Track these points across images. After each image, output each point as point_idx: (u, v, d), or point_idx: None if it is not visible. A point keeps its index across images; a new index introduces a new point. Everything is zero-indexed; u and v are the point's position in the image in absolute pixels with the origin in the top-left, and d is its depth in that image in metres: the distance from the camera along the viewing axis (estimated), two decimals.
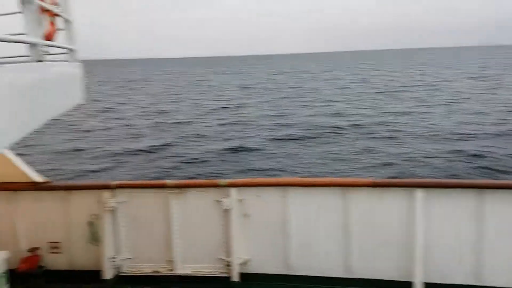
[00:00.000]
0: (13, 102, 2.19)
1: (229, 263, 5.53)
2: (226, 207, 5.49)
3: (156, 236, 5.68)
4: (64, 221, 5.73)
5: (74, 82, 3.89)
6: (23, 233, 5.74)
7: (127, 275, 5.70)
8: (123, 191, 5.68)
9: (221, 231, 5.61)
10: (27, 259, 5.62)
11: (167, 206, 5.61)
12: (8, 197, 5.68)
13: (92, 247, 5.66)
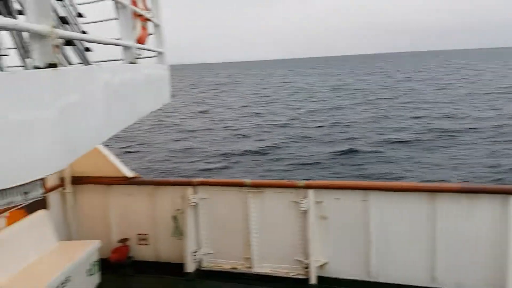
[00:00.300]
0: (108, 100, 2.35)
1: (307, 265, 5.47)
2: (304, 208, 5.44)
3: (235, 233, 5.80)
4: (151, 215, 6.07)
5: (163, 83, 4.10)
6: (115, 225, 6.18)
7: (207, 269, 5.89)
8: (204, 188, 5.88)
9: (298, 233, 5.58)
10: (117, 249, 6.04)
11: (245, 205, 5.70)
12: (103, 191, 6.16)
13: (176, 241, 5.93)
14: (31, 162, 1.56)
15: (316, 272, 5.43)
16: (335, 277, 5.45)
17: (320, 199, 5.44)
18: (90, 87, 2.09)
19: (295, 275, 5.57)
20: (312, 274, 5.41)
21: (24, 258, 4.92)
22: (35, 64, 1.64)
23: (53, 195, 5.94)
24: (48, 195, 5.84)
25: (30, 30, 1.56)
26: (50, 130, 1.63)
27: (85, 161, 6.04)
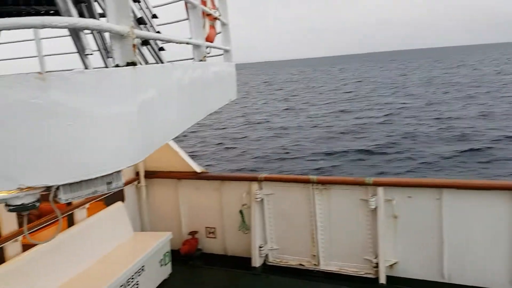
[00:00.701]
0: (181, 97, 2.44)
1: (376, 265, 5.32)
2: (373, 206, 5.29)
3: (301, 229, 5.78)
4: (219, 209, 6.23)
5: (230, 80, 4.19)
6: (184, 217, 6.43)
7: (273, 264, 5.94)
8: (270, 184, 5.92)
9: (367, 231, 5.43)
10: (187, 241, 6.28)
11: (311, 201, 5.65)
12: (173, 184, 6.43)
13: (242, 235, 6.04)
14: (113, 154, 1.67)
15: (386, 271, 5.26)
16: (405, 277, 5.25)
17: (390, 197, 5.26)
18: (165, 84, 2.18)
19: (364, 274, 5.44)
20: (381, 274, 5.25)
21: (103, 247, 5.27)
22: (116, 63, 1.75)
23: (128, 188, 6.31)
24: (124, 188, 6.22)
25: (111, 31, 1.67)
26: (130, 124, 1.73)
27: (157, 157, 6.35)
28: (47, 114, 1.47)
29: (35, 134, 1.48)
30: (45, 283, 4.35)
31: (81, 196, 1.63)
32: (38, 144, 1.49)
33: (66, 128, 1.52)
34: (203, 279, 5.86)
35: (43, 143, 1.49)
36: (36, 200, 1.57)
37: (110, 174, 1.68)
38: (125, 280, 4.82)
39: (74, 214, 5.17)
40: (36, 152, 1.49)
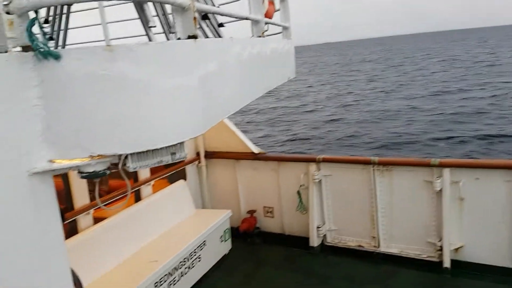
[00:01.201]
0: (240, 72, 2.45)
1: (440, 248, 5.11)
2: (438, 188, 5.06)
3: (360, 211, 5.67)
4: (276, 189, 6.27)
5: (288, 57, 4.14)
6: (243, 197, 6.54)
7: (331, 245, 5.90)
8: (328, 165, 5.84)
9: (431, 213, 5.22)
10: (246, 219, 6.40)
11: (371, 183, 5.51)
12: (232, 165, 6.55)
13: (300, 215, 6.05)
14: (177, 126, 1.72)
15: (450, 255, 5.04)
16: (471, 261, 5.00)
17: (457, 179, 4.99)
18: (224, 59, 2.20)
19: (426, 257, 5.25)
20: (445, 257, 5.03)
21: (167, 222, 5.52)
22: (178, 36, 1.78)
23: (190, 168, 6.53)
24: (186, 168, 6.44)
25: (174, 3, 1.70)
26: (192, 96, 1.77)
27: (217, 137, 6.50)
28: (115, 85, 1.54)
29: (104, 105, 1.55)
30: (114, 254, 4.65)
31: (148, 165, 1.70)
32: (108, 114, 1.57)
33: (133, 99, 1.58)
34: (261, 256, 5.97)
35: (112, 113, 1.57)
36: (106, 168, 1.65)
37: (174, 145, 1.74)
38: (188, 254, 5.03)
39: (141, 190, 5.45)
40: (106, 122, 1.57)
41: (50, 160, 1.57)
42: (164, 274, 4.63)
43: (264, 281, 5.32)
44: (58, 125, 1.54)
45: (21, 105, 1.47)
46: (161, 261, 4.64)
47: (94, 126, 1.56)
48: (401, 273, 5.17)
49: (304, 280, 5.24)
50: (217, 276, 5.44)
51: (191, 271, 5.09)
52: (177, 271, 4.85)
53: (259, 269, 5.62)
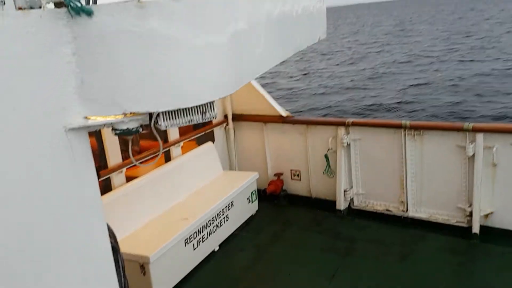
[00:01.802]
0: (270, 30, 2.39)
1: (470, 214, 5.04)
2: (470, 153, 4.93)
3: (389, 175, 5.62)
4: (304, 152, 6.27)
5: (320, 17, 4.01)
6: (270, 160, 6.58)
7: (358, 209, 5.91)
8: (358, 129, 5.76)
9: (462, 179, 5.12)
10: (273, 182, 6.46)
11: (402, 147, 5.42)
12: (259, 128, 6.56)
13: (327, 179, 6.06)
14: (207, 84, 1.72)
15: (480, 221, 4.97)
16: (501, 228, 4.93)
17: (490, 144, 4.85)
18: (254, 16, 2.15)
19: (455, 222, 5.20)
20: (475, 223, 4.97)
21: (196, 182, 5.65)
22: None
23: (217, 130, 6.58)
24: (214, 130, 6.50)
25: None
26: (222, 55, 1.75)
27: (244, 100, 6.48)
28: (147, 42, 1.54)
29: (136, 62, 1.56)
30: (145, 211, 4.83)
31: (179, 123, 1.72)
32: (139, 72, 1.58)
33: (164, 57, 1.58)
34: (287, 217, 6.06)
35: (144, 71, 1.58)
36: (139, 126, 1.68)
37: (205, 104, 1.74)
38: (216, 213, 5.17)
39: (171, 151, 5.56)
40: (138, 80, 1.58)
41: (85, 116, 1.62)
42: (194, 231, 4.79)
43: (290, 240, 5.43)
44: (92, 82, 1.57)
45: (56, 61, 1.50)
46: (190, 219, 4.79)
47: (127, 83, 1.58)
48: (428, 237, 5.16)
49: (330, 241, 5.31)
50: (244, 235, 5.59)
51: (219, 229, 5.24)
52: (206, 229, 5.00)
53: (285, 229, 5.73)
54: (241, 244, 5.40)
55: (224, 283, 4.69)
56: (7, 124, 1.41)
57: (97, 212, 1.79)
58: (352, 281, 4.52)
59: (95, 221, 1.77)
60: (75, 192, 1.67)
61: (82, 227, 1.70)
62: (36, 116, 1.48)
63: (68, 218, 1.64)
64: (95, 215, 1.77)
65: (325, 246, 5.22)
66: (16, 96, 1.42)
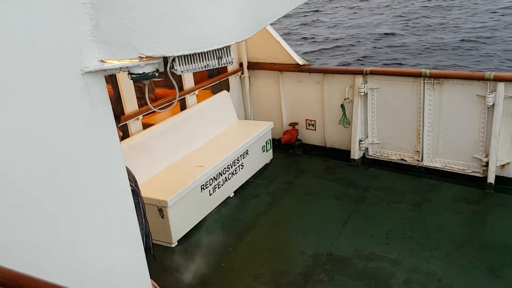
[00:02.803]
0: None
1: (486, 164, 5.02)
2: (491, 103, 4.82)
3: (406, 125, 5.57)
4: (320, 102, 6.21)
5: None
6: (286, 109, 6.55)
7: (373, 158, 5.93)
8: (376, 78, 5.64)
9: (480, 129, 5.05)
10: (287, 131, 6.47)
11: (420, 96, 5.32)
12: (275, 76, 6.47)
13: (342, 128, 6.03)
14: (223, 29, 1.69)
15: (496, 171, 4.96)
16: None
17: (511, 94, 4.72)
18: None
19: (470, 172, 5.20)
20: (490, 173, 4.96)
21: (211, 131, 5.70)
22: None
23: (232, 78, 6.52)
24: (229, 78, 6.44)
25: None
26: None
27: (260, 48, 6.35)
28: None
29: (152, 4, 1.54)
30: (162, 158, 4.93)
31: (195, 68, 1.71)
32: (155, 15, 1.56)
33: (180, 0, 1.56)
34: (302, 166, 6.13)
35: (159, 14, 1.56)
36: (155, 70, 1.68)
37: (221, 49, 1.73)
38: (231, 161, 5.25)
39: (186, 99, 5.57)
40: (154, 23, 1.57)
41: (101, 60, 1.62)
42: (210, 178, 4.90)
43: (304, 188, 5.53)
44: (107, 25, 1.56)
45: (70, 3, 1.49)
46: (206, 166, 4.89)
47: (142, 26, 1.57)
48: (443, 186, 5.20)
49: (344, 189, 5.39)
50: (258, 182, 5.70)
51: (234, 177, 5.35)
52: (221, 176, 5.11)
53: (299, 177, 5.81)
54: (256, 191, 5.52)
55: (239, 227, 4.86)
56: (24, 65, 1.43)
57: (116, 155, 1.83)
58: (364, 227, 4.63)
59: (115, 162, 1.82)
60: (95, 136, 1.71)
61: (102, 169, 1.76)
62: (53, 57, 1.49)
63: (87, 160, 1.69)
64: (114, 158, 1.82)
65: (339, 193, 5.30)
66: (32, 36, 1.43)
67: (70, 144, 1.62)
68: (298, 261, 4.22)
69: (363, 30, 21.87)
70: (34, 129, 1.49)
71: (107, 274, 1.87)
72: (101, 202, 1.77)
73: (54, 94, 1.53)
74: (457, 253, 4.11)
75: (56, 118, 1.55)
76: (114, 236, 1.86)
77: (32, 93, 1.46)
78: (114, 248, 1.86)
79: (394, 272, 3.94)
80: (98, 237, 1.79)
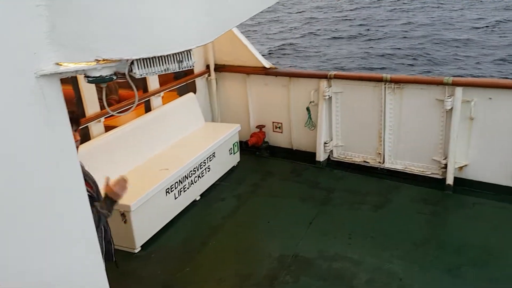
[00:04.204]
0: None
1: (445, 166, 5.21)
2: (449, 107, 5.02)
3: (368, 128, 5.70)
4: (286, 105, 6.27)
5: None
6: (253, 112, 6.57)
7: (337, 160, 6.04)
8: (340, 82, 5.75)
9: (439, 132, 5.24)
10: (255, 134, 6.50)
11: (382, 100, 5.47)
12: (242, 79, 6.48)
13: (308, 131, 6.12)
14: (184, 32, 1.67)
15: (454, 173, 5.15)
16: (474, 179, 5.13)
17: (468, 98, 4.93)
18: None
19: (430, 174, 5.38)
20: (449, 175, 5.15)
21: (177, 133, 5.64)
22: None
23: (199, 80, 6.49)
24: (196, 80, 6.40)
25: None
26: (200, 1, 1.69)
27: (227, 50, 6.35)
28: None
29: (109, 6, 1.50)
30: (125, 161, 4.83)
31: (154, 72, 1.68)
32: (114, 17, 1.52)
33: (140, 2, 1.53)
34: (268, 168, 6.16)
35: (118, 15, 1.52)
36: (113, 73, 1.64)
37: (181, 52, 1.70)
38: (197, 164, 5.21)
39: (151, 101, 5.49)
40: (112, 26, 1.53)
41: (57, 63, 1.57)
42: (175, 181, 4.84)
43: (270, 190, 5.57)
44: (63, 26, 1.51)
45: (25, 4, 1.44)
46: (171, 169, 4.83)
47: (99, 29, 1.53)
48: (403, 187, 5.35)
49: (309, 190, 5.47)
50: (225, 185, 5.69)
51: (200, 180, 5.31)
52: (187, 180, 5.06)
53: (266, 179, 5.85)
54: (222, 194, 5.50)
55: (205, 230, 4.83)
56: None
57: (72, 160, 1.78)
58: (328, 228, 4.70)
59: (70, 169, 1.77)
60: (49, 140, 1.65)
61: (57, 175, 1.70)
62: (5, 61, 1.44)
63: (43, 165, 1.63)
64: (70, 163, 1.77)
65: (304, 195, 5.36)
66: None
67: (23, 149, 1.56)
68: (263, 264, 4.24)
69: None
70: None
71: (63, 283, 1.81)
72: (57, 209, 1.72)
73: (6, 98, 1.47)
74: (417, 252, 4.24)
75: (8, 123, 1.49)
76: (70, 243, 1.80)
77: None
78: (70, 255, 1.81)
79: (357, 272, 4.03)
80: (53, 245, 1.73)
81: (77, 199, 1.82)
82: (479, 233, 4.45)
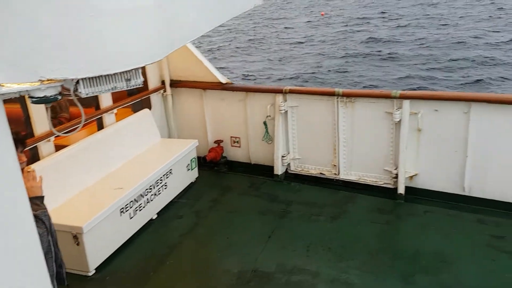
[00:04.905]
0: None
1: (396, 176, 5.41)
2: (397, 119, 5.24)
3: (323, 141, 5.84)
4: (243, 119, 6.31)
5: None
6: (210, 127, 6.56)
7: (295, 173, 6.13)
8: (294, 96, 5.88)
9: (389, 143, 5.45)
10: (213, 149, 6.48)
11: (335, 114, 5.63)
12: (199, 94, 6.48)
13: (266, 145, 6.18)
14: (131, 50, 1.66)
15: (405, 182, 5.36)
16: (424, 188, 5.35)
17: (416, 110, 5.17)
18: None
19: (382, 184, 5.57)
20: (400, 184, 5.35)
21: (132, 150, 5.53)
22: None
23: (154, 96, 6.41)
24: (150, 96, 6.32)
25: None
26: (147, 18, 1.69)
27: (183, 66, 6.33)
28: (67, 5, 1.45)
29: (51, 25, 1.47)
30: (77, 181, 4.67)
31: (101, 91, 1.66)
32: (58, 36, 1.49)
33: (82, 20, 1.50)
34: (227, 183, 6.15)
35: (63, 35, 1.49)
36: (58, 93, 1.60)
37: (129, 71, 1.69)
38: (154, 181, 5.12)
39: (103, 118, 5.36)
40: (55, 45, 1.50)
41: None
42: (130, 200, 4.72)
43: (229, 205, 5.55)
44: (4, 46, 1.46)
45: None
46: (126, 188, 4.71)
47: (42, 48, 1.49)
48: (358, 198, 5.50)
49: (268, 204, 5.50)
50: (183, 202, 5.61)
51: (157, 198, 5.21)
52: (143, 198, 4.96)
53: (224, 194, 5.82)
54: (180, 211, 5.42)
55: (162, 249, 4.72)
56: None
57: (16, 182, 1.71)
58: (286, 241, 4.74)
59: (14, 191, 1.69)
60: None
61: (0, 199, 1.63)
62: None
63: None
64: (14, 185, 1.69)
65: (262, 209, 5.39)
66: None
67: None
68: (222, 280, 4.20)
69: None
70: None
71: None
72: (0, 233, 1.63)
73: None
74: (372, 262, 4.35)
75: None
76: (15, 268, 1.71)
77: None
78: (16, 280, 1.72)
79: (315, 284, 4.07)
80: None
81: (22, 221, 1.74)
82: (431, 240, 4.62)
